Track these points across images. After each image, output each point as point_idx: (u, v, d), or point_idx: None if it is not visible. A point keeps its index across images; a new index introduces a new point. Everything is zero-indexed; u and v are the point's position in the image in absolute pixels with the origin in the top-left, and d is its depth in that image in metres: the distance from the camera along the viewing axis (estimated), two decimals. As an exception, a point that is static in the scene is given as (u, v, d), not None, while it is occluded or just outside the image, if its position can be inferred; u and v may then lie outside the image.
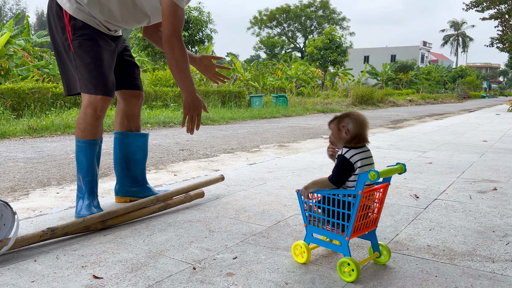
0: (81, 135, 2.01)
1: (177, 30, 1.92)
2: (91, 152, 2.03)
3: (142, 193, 2.33)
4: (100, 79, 1.98)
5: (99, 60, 1.99)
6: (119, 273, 1.44)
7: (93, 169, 2.05)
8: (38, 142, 5.64)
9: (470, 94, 40.75)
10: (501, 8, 16.75)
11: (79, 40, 1.97)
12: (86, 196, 2.03)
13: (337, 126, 1.47)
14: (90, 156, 2.03)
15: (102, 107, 2.01)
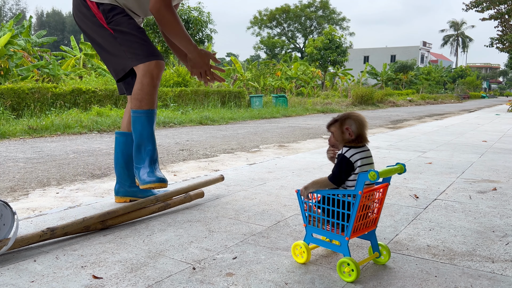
0: (139, 105, 2.01)
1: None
2: (149, 122, 2.03)
3: (141, 193, 2.32)
4: (147, 46, 2.02)
5: (139, 30, 2.04)
6: (118, 273, 1.44)
7: (153, 138, 2.06)
8: (38, 142, 5.64)
9: (470, 94, 40.76)
10: (501, 9, 16.75)
11: (115, 19, 2.01)
12: (147, 165, 2.02)
13: (340, 128, 1.45)
14: (149, 125, 2.04)
15: (158, 74, 2.02)
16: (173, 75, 13.52)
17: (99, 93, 9.46)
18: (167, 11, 1.93)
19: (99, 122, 7.34)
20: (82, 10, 2.05)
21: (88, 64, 17.41)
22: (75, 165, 3.92)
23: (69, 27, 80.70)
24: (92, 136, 6.46)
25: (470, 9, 17.08)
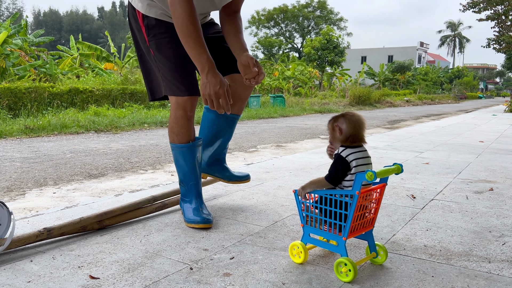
0: (176, 140, 1.91)
1: None
2: (190, 155, 1.92)
3: (220, 173, 2.25)
4: (183, 79, 1.85)
5: (179, 58, 1.85)
6: (115, 273, 1.44)
7: (195, 172, 1.95)
8: (35, 141, 5.62)
9: (467, 94, 40.89)
10: (497, 9, 16.81)
11: (155, 40, 1.85)
12: (193, 201, 1.94)
13: (332, 126, 1.50)
14: (190, 159, 1.92)
15: (191, 107, 1.88)
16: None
17: (96, 93, 9.43)
18: (180, 4, 1.64)
19: (96, 122, 7.32)
20: (131, 16, 1.94)
21: (85, 64, 17.37)
22: (72, 165, 3.91)
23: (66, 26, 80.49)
24: (89, 136, 6.45)
25: (467, 10, 17.13)
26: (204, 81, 1.66)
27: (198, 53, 1.66)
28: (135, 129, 7.44)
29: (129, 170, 3.72)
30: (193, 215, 1.89)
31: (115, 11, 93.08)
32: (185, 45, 1.67)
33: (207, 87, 1.65)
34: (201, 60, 1.66)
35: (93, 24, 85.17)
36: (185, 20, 1.62)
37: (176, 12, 1.63)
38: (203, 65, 1.67)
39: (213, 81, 1.65)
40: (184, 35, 1.65)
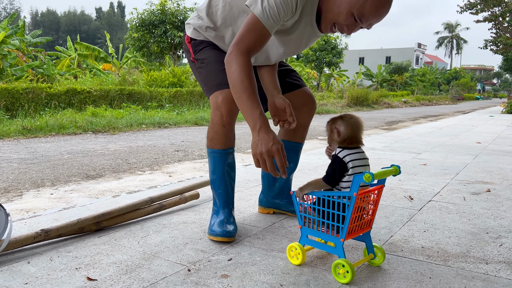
0: (209, 144, 1.84)
1: (242, 41, 1.56)
2: (220, 163, 1.84)
3: (286, 207, 2.16)
4: (218, 75, 1.80)
5: (217, 59, 1.82)
6: (113, 275, 1.43)
7: (224, 180, 1.86)
8: (32, 142, 5.61)
9: (464, 96, 41.00)
10: (495, 11, 16.87)
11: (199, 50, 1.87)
12: (220, 211, 1.86)
13: (330, 127, 1.51)
14: (220, 166, 1.84)
15: (227, 112, 1.75)
16: (168, 76, 13.49)
17: (94, 94, 9.42)
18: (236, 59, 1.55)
19: (94, 123, 7.31)
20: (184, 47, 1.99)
21: (83, 64, 17.35)
22: (70, 165, 3.91)
23: (63, 27, 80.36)
24: (87, 136, 6.44)
25: (465, 11, 17.20)
26: (256, 139, 1.49)
27: (251, 108, 1.51)
28: (133, 130, 7.43)
29: (126, 171, 3.71)
30: (218, 226, 1.79)
31: (113, 12, 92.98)
32: (238, 101, 1.55)
33: (259, 145, 1.47)
34: (253, 116, 1.51)
35: (90, 24, 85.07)
36: (241, 75, 1.53)
37: (232, 67, 1.55)
38: (255, 122, 1.51)
39: (266, 138, 1.46)
40: (238, 90, 1.54)
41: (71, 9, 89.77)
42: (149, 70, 16.36)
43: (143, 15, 16.51)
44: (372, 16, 1.51)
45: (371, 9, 1.49)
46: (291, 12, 1.56)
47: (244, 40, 1.55)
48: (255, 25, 1.54)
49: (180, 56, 17.89)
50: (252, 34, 1.54)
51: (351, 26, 1.55)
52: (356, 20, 1.52)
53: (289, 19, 1.61)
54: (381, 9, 1.50)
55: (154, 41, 16.49)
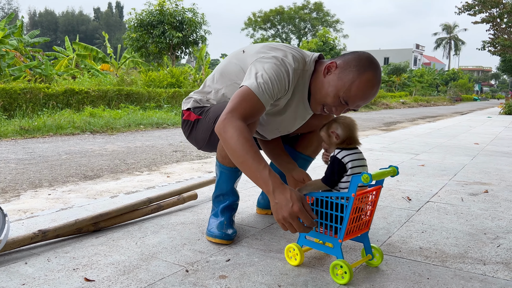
0: (221, 161, 1.76)
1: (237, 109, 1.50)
2: (231, 178, 1.79)
3: None
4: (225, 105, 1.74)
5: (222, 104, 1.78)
6: (111, 275, 1.43)
7: (233, 193, 1.84)
8: (30, 143, 5.59)
9: (462, 97, 41.10)
10: (492, 12, 16.92)
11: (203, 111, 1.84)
12: (219, 214, 1.82)
13: (326, 133, 1.50)
14: (231, 182, 1.80)
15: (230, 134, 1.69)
16: (166, 76, 13.49)
17: (92, 94, 9.41)
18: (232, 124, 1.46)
19: (92, 123, 7.30)
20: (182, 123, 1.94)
21: (81, 65, 17.32)
22: (68, 166, 3.90)
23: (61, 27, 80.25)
24: (84, 137, 6.43)
25: (463, 13, 17.24)
26: (273, 203, 1.37)
27: (258, 170, 1.40)
28: (131, 130, 7.42)
29: (124, 171, 3.71)
30: (216, 229, 1.77)
31: (111, 12, 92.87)
32: (243, 166, 1.44)
33: (279, 210, 1.35)
34: (263, 177, 1.39)
35: (89, 25, 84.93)
36: (240, 138, 1.43)
37: (228, 133, 1.45)
38: (267, 184, 1.38)
39: (283, 200, 1.34)
40: (240, 153, 1.42)
41: (69, 9, 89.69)
42: (147, 71, 16.35)
43: (141, 16, 16.48)
44: (358, 99, 1.52)
45: (357, 93, 1.51)
46: (284, 89, 1.58)
47: (239, 108, 1.49)
48: (249, 96, 1.51)
49: (179, 57, 17.89)
50: (247, 103, 1.50)
51: (338, 107, 1.57)
52: (343, 103, 1.54)
53: (282, 97, 1.61)
54: (367, 93, 1.51)
55: (152, 42, 16.48)
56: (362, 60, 1.51)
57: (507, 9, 16.19)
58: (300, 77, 1.62)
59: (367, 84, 1.49)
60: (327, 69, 1.57)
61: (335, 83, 1.53)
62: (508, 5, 16.16)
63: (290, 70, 1.57)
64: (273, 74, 1.54)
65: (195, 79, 15.93)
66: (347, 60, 1.53)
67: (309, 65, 1.64)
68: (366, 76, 1.49)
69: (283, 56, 1.59)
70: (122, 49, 23.93)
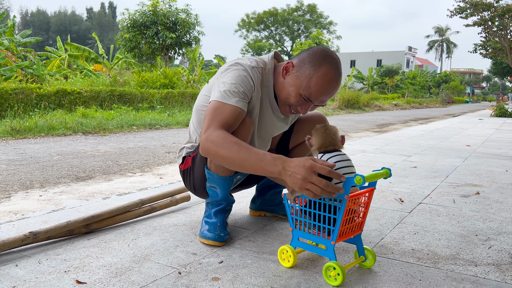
0: (214, 170, 1.69)
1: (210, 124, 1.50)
2: (225, 186, 1.74)
3: (277, 210, 2.14)
4: None
5: None
6: (103, 278, 1.42)
7: (227, 199, 1.81)
8: (21, 143, 5.54)
9: (454, 99, 41.42)
10: (484, 15, 17.08)
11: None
12: (212, 216, 1.80)
13: (308, 141, 1.54)
14: (225, 190, 1.76)
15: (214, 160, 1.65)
16: (159, 77, 13.44)
17: (85, 94, 9.35)
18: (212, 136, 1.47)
19: (84, 124, 7.25)
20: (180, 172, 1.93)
21: (74, 65, 17.21)
22: (59, 167, 3.87)
23: (54, 27, 79.72)
24: (77, 137, 6.38)
25: (455, 16, 17.39)
26: (288, 176, 1.31)
27: (260, 160, 1.37)
28: (123, 131, 7.38)
29: (117, 172, 3.69)
30: (210, 230, 1.76)
31: (104, 12, 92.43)
32: (244, 166, 1.41)
33: (295, 177, 1.28)
34: (267, 162, 1.35)
35: (81, 25, 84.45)
36: (227, 139, 1.43)
37: (213, 147, 1.45)
38: (273, 164, 1.34)
39: (294, 166, 1.29)
40: (235, 158, 1.40)
41: (61, 9, 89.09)
42: (140, 71, 16.28)
43: (134, 16, 16.43)
44: (319, 94, 1.54)
45: (317, 89, 1.53)
46: (251, 86, 1.60)
47: (213, 121, 1.50)
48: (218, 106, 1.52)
49: (172, 58, 17.85)
50: (220, 114, 1.51)
51: (303, 106, 1.60)
52: (306, 100, 1.55)
53: (253, 95, 1.63)
54: (326, 87, 1.53)
55: (145, 42, 16.42)
56: (316, 55, 1.54)
57: (499, 12, 16.36)
58: (263, 75, 1.66)
59: (325, 78, 1.51)
60: (285, 70, 1.61)
61: (294, 82, 1.56)
62: (499, 8, 16.33)
63: (247, 68, 1.62)
64: (232, 78, 1.58)
65: (188, 80, 15.91)
66: (302, 57, 1.57)
67: (269, 63, 1.69)
68: (323, 70, 1.51)
69: (239, 61, 1.65)
70: (115, 49, 23.81)
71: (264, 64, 1.68)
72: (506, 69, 37.40)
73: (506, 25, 17.09)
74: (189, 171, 1.84)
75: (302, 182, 1.27)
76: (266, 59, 1.71)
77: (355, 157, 4.35)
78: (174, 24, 16.32)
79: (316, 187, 1.26)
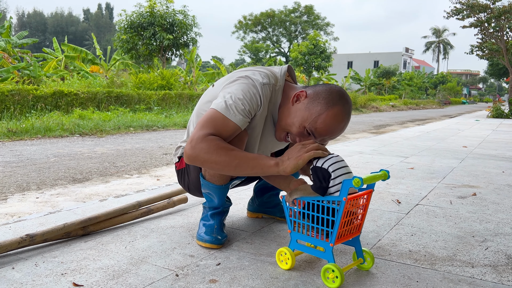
0: (209, 178, 1.68)
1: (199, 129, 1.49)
2: (221, 194, 1.73)
3: (275, 212, 2.13)
4: None
5: None
6: (100, 280, 1.42)
7: (224, 205, 1.79)
8: (18, 145, 5.52)
9: (450, 100, 41.55)
10: (480, 17, 17.16)
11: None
12: (210, 219, 1.78)
13: None
14: (222, 197, 1.75)
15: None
16: (157, 78, 13.43)
17: (82, 96, 9.33)
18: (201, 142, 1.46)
19: (81, 125, 7.23)
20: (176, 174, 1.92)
21: (70, 66, 17.17)
22: (56, 169, 3.86)
23: (50, 28, 79.53)
24: (73, 139, 6.36)
25: (451, 17, 17.47)
26: (286, 162, 1.40)
27: (255, 157, 1.44)
28: (120, 133, 7.37)
29: (114, 174, 3.68)
30: (207, 233, 1.75)
31: (101, 13, 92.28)
32: (239, 169, 1.44)
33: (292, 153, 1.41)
34: (261, 157, 1.44)
35: (78, 26, 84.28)
36: (219, 144, 1.45)
37: (203, 150, 1.45)
38: (268, 158, 1.44)
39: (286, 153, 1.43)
40: (228, 162, 1.44)
41: (58, 10, 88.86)
42: (137, 73, 16.26)
43: (131, 17, 16.41)
44: (324, 132, 1.51)
45: (323, 126, 1.49)
46: (257, 105, 1.55)
47: (205, 128, 1.48)
48: (217, 116, 1.50)
49: (169, 59, 17.83)
50: (216, 123, 1.50)
51: (303, 138, 1.55)
52: (309, 134, 1.52)
53: (257, 114, 1.58)
54: (332, 127, 1.50)
55: (142, 43, 16.41)
56: (332, 93, 1.50)
57: (495, 13, 16.44)
58: (272, 92, 1.60)
59: (334, 118, 1.48)
60: (296, 97, 1.56)
61: (302, 113, 1.52)
62: (495, 9, 16.41)
63: (258, 85, 1.54)
64: (241, 93, 1.52)
65: (185, 81, 15.89)
66: (318, 91, 1.52)
67: (280, 80, 1.63)
68: (335, 111, 1.48)
69: (250, 75, 1.58)
70: (112, 50, 23.77)
71: (276, 80, 1.62)
72: (502, 70, 37.58)
73: (502, 26, 17.18)
74: (184, 171, 1.84)
75: (299, 150, 1.41)
76: (279, 74, 1.64)
77: (353, 158, 4.36)
78: (171, 26, 16.31)
79: (312, 145, 1.42)
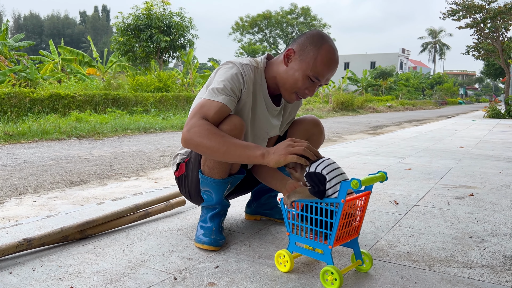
0: (207, 173, 1.69)
1: (192, 116, 1.56)
2: (220, 190, 1.74)
3: (273, 214, 2.13)
4: None
5: None
6: (98, 284, 1.41)
7: (222, 203, 1.79)
8: (14, 148, 5.50)
9: (447, 100, 41.69)
10: (476, 18, 17.23)
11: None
12: (208, 221, 1.78)
13: (292, 170, 1.54)
14: (220, 193, 1.75)
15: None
16: (154, 80, 13.41)
17: (79, 98, 9.31)
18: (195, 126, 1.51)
19: (78, 128, 7.21)
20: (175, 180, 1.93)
21: (67, 69, 17.14)
22: (53, 172, 3.84)
23: (47, 30, 79.35)
24: (71, 142, 6.35)
25: (447, 18, 17.54)
26: (271, 155, 1.43)
27: (244, 146, 1.48)
28: (117, 135, 7.36)
29: (111, 177, 3.67)
30: (205, 235, 1.75)
31: (98, 16, 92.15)
32: (228, 150, 1.47)
33: (278, 149, 1.42)
34: (250, 146, 1.48)
35: (74, 28, 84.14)
36: (210, 130, 1.50)
37: (196, 134, 1.50)
38: (255, 148, 1.47)
39: (274, 147, 1.45)
40: (218, 141, 1.48)
41: (54, 13, 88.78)
42: (134, 75, 16.24)
43: (128, 19, 16.40)
44: (326, 71, 1.62)
45: (323, 66, 1.61)
46: (240, 83, 1.64)
47: (197, 114, 1.55)
48: (205, 103, 1.57)
49: (166, 61, 17.83)
50: (205, 108, 1.56)
51: (310, 87, 1.66)
52: (314, 81, 1.63)
53: (243, 92, 1.66)
54: (331, 63, 1.62)
55: (139, 46, 16.40)
56: (315, 37, 1.63)
57: (490, 14, 16.51)
58: (255, 73, 1.71)
59: (328, 55, 1.61)
60: (286, 57, 1.67)
61: (299, 66, 1.62)
62: (491, 10, 16.48)
63: (238, 65, 1.65)
64: (222, 76, 1.64)
65: (182, 83, 15.88)
66: (301, 42, 1.64)
67: (261, 63, 1.74)
68: (325, 49, 1.61)
69: (231, 60, 1.70)
70: (108, 53, 23.74)
71: (257, 63, 1.73)
72: (498, 71, 37.76)
73: (498, 27, 17.25)
74: (183, 177, 1.84)
75: (285, 147, 1.42)
76: (259, 59, 1.77)
77: (350, 159, 4.37)
78: (168, 28, 16.31)
79: (299, 147, 1.42)
